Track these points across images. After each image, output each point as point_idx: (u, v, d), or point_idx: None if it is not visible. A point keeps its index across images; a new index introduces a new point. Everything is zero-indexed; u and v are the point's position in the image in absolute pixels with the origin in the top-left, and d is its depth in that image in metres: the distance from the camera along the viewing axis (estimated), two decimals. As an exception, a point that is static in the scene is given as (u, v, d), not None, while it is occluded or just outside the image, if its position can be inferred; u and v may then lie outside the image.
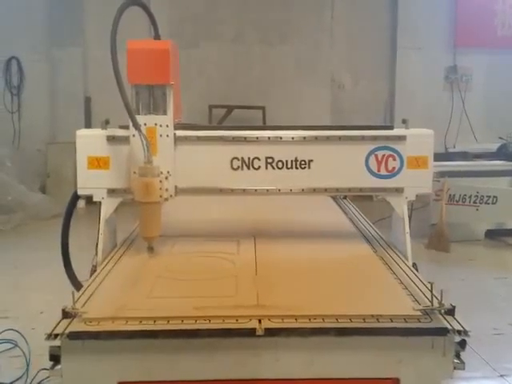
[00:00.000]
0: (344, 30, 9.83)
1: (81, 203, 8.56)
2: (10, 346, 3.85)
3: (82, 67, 9.44)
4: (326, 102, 9.79)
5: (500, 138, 8.00)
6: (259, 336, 1.89)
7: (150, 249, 2.67)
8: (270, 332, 1.90)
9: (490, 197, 7.07)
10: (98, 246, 2.71)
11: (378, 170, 2.81)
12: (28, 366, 3.55)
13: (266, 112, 9.27)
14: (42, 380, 3.37)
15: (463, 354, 1.98)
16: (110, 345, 1.88)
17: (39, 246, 6.65)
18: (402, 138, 2.81)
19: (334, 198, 4.14)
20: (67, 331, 1.85)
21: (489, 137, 9.17)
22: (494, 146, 7.85)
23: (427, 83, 9.82)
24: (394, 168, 2.81)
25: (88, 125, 9.42)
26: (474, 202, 7.13)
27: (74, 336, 1.84)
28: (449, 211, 6.91)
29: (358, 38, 9.82)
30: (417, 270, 2.62)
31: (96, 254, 2.69)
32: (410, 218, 2.87)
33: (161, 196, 2.64)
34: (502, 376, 3.91)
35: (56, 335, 1.84)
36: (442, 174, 6.94)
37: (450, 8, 9.77)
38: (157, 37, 2.86)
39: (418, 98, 9.76)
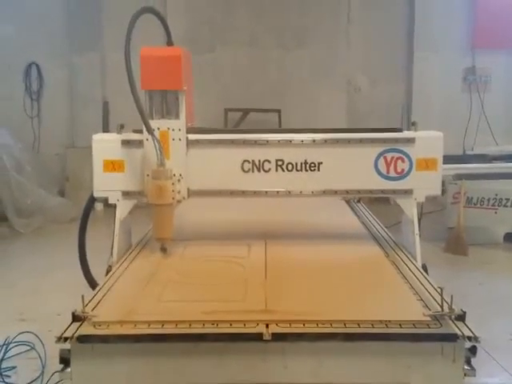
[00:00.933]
0: (360, 32, 9.79)
1: (99, 206, 8.66)
2: (27, 348, 3.90)
3: (100, 72, 9.53)
4: (342, 104, 9.75)
5: (520, 139, 7.92)
6: (266, 341, 1.89)
7: (163, 249, 2.74)
8: (278, 337, 1.90)
9: (509, 199, 6.99)
10: (113, 246, 2.80)
11: (388, 172, 2.84)
12: (43, 368, 3.59)
13: (281, 115, 9.28)
14: (57, 382, 3.42)
15: (479, 360, 1.95)
16: (119, 348, 1.90)
17: (58, 248, 6.72)
18: (410, 141, 2.84)
19: (347, 201, 4.13)
20: (77, 334, 1.87)
21: (508, 139, 9.05)
22: (513, 148, 7.74)
23: (445, 85, 9.72)
24: (403, 170, 2.84)
25: (106, 129, 9.46)
26: (493, 205, 7.05)
27: (84, 339, 1.87)
28: (467, 214, 6.82)
29: (374, 41, 9.76)
30: (426, 271, 2.62)
31: (111, 254, 2.77)
32: (420, 220, 2.87)
33: (173, 198, 2.71)
34: (520, 383, 3.87)
35: (66, 338, 1.86)
36: (459, 177, 6.87)
37: (467, 9, 9.66)
38: (169, 43, 2.91)
39: (435, 100, 9.67)
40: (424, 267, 2.69)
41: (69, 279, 5.70)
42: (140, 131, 2.77)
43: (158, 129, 2.74)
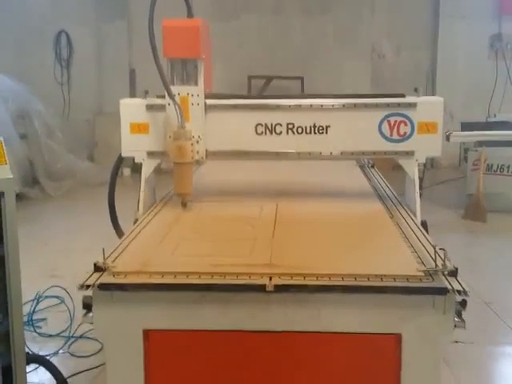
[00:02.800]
0: (385, -2, 9.72)
1: (126, 171, 8.92)
2: (57, 301, 4.17)
3: (127, 40, 9.69)
4: (367, 72, 9.73)
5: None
6: (269, 292, 2.04)
7: (184, 204, 3.00)
8: (280, 288, 2.04)
9: (528, 167, 7.00)
10: (140, 201, 3.07)
11: (391, 135, 3.02)
12: (72, 320, 3.85)
13: (304, 82, 9.32)
14: (84, 333, 3.67)
15: (489, 320, 2.05)
16: (136, 296, 2.08)
17: (88, 210, 6.99)
18: (412, 105, 3.00)
19: (361, 166, 4.24)
20: (97, 283, 2.06)
21: (534, 106, 8.99)
22: (538, 116, 7.69)
23: (471, 52, 9.62)
24: (405, 133, 3.01)
25: (133, 95, 9.67)
26: (513, 172, 7.07)
27: (104, 287, 2.05)
28: (486, 181, 6.87)
29: (399, 7, 9.67)
30: (426, 228, 2.78)
31: (138, 209, 3.05)
32: (421, 179, 3.02)
33: (192, 157, 2.96)
34: (529, 345, 4.00)
35: (88, 286, 2.05)
36: (480, 144, 6.90)
37: (494, -25, 9.50)
38: (190, 15, 3.08)
39: (461, 67, 9.59)
40: (424, 223, 2.85)
41: (97, 239, 5.90)
42: (163, 96, 2.97)
43: (179, 94, 2.95)
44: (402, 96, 3.07)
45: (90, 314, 2.12)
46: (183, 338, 2.14)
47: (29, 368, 2.78)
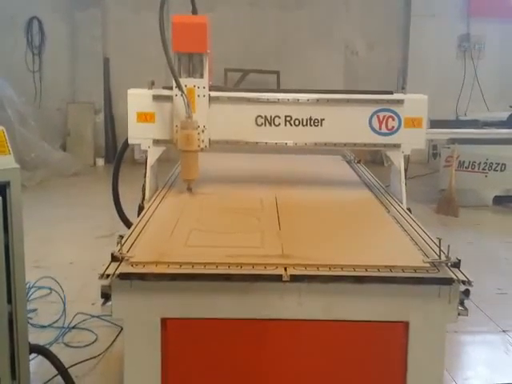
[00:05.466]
0: (359, -4, 9.86)
1: (99, 161, 8.84)
2: (45, 292, 4.14)
3: (101, 28, 9.56)
4: (340, 67, 9.88)
5: (511, 106, 8.10)
6: (285, 281, 2.10)
7: (189, 189, 3.15)
8: (295, 278, 2.10)
9: (498, 164, 7.25)
10: (146, 187, 3.17)
11: (380, 129, 3.24)
12: (64, 310, 3.84)
13: (280, 76, 9.39)
14: (78, 323, 3.68)
15: (469, 310, 2.15)
16: (154, 285, 2.11)
17: (63, 201, 6.95)
18: (400, 102, 3.23)
19: (348, 162, 4.35)
20: (118, 272, 2.08)
21: (500, 105, 9.25)
22: (505, 115, 7.92)
23: (440, 50, 9.86)
24: (393, 127, 3.24)
25: (107, 85, 9.62)
26: (483, 169, 7.32)
27: (124, 276, 2.08)
28: (458, 177, 7.09)
29: (372, 5, 9.83)
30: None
31: (142, 195, 3.16)
32: (406, 171, 3.23)
33: (198, 146, 3.11)
34: (504, 331, 4.19)
35: (107, 275, 2.08)
36: (452, 141, 7.10)
37: (463, -24, 9.74)
38: (194, 12, 3.28)
39: (431, 65, 9.82)
40: (408, 211, 3.07)
41: (76, 230, 5.98)
42: (168, 88, 3.12)
43: (186, 86, 3.07)
44: (390, 93, 3.29)
45: (109, 303, 2.14)
46: (200, 326, 2.18)
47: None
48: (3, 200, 2.48)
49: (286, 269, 2.14)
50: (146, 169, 3.20)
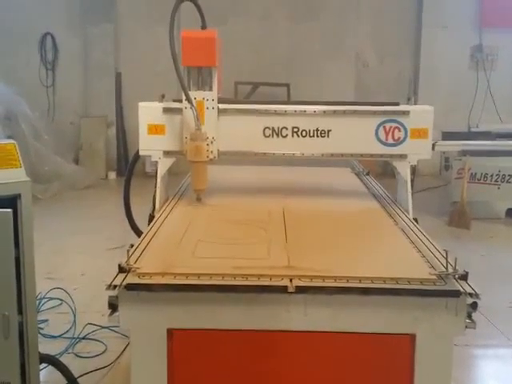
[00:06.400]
0: (370, 7, 9.88)
1: (111, 175, 8.90)
2: (56, 303, 4.17)
3: (113, 43, 9.68)
4: (351, 79, 9.89)
5: (524, 117, 8.07)
6: (290, 293, 2.10)
7: (199, 199, 3.21)
8: (300, 290, 2.10)
9: (511, 176, 7.19)
10: (156, 197, 3.23)
11: (386, 139, 3.27)
12: (75, 321, 3.87)
13: (290, 89, 9.42)
14: (88, 334, 3.70)
15: (480, 323, 2.14)
16: (161, 296, 2.13)
17: (76, 214, 7.01)
18: (406, 113, 3.25)
19: (357, 174, 4.36)
20: (125, 283, 2.10)
21: (514, 117, 9.24)
22: (518, 126, 7.92)
23: (452, 62, 9.84)
24: (399, 138, 3.27)
25: (119, 99, 9.71)
26: (496, 181, 7.27)
27: (131, 287, 2.10)
28: (470, 189, 7.04)
29: (383, 16, 9.85)
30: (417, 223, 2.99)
31: (153, 205, 3.22)
32: (412, 181, 3.33)
33: (207, 156, 3.18)
34: (515, 345, 4.15)
35: (115, 286, 2.10)
36: (464, 153, 7.07)
37: (476, -13, 9.74)
38: (204, 27, 3.34)
39: (442, 77, 9.80)
40: (415, 221, 3.06)
41: (89, 242, 6.04)
42: (178, 101, 3.19)
43: (195, 98, 3.14)
44: (397, 104, 3.32)
45: (116, 314, 2.16)
46: (206, 337, 2.19)
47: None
48: (14, 212, 2.52)
49: (291, 280, 2.15)
50: (156, 179, 3.26)
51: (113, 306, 2.16)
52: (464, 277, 2.22)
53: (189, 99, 3.08)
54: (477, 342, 4.03)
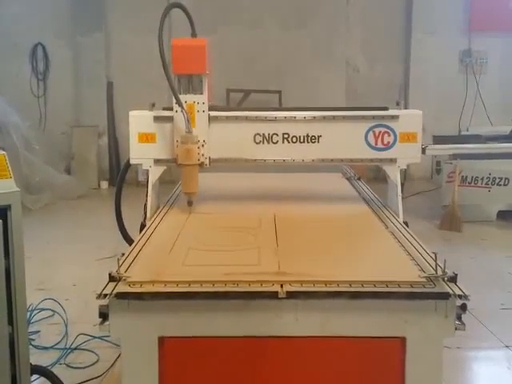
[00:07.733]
0: (359, 14, 9.94)
1: (103, 184, 8.87)
2: (48, 314, 4.16)
3: (104, 52, 9.69)
4: (341, 85, 9.94)
5: (513, 120, 8.12)
6: (281, 298, 2.10)
7: (190, 203, 3.20)
8: (291, 295, 2.10)
9: (502, 178, 7.24)
10: (147, 205, 3.25)
11: (376, 144, 3.29)
12: (66, 332, 3.85)
13: (282, 96, 9.45)
14: (80, 344, 3.69)
15: (472, 325, 2.16)
16: (152, 304, 2.12)
17: (68, 224, 6.99)
18: (395, 117, 3.27)
19: (348, 179, 4.37)
20: (115, 292, 2.10)
21: (503, 120, 9.26)
22: (508, 129, 7.90)
23: (442, 66, 9.90)
24: (388, 142, 3.29)
25: (110, 108, 9.71)
26: (487, 184, 7.31)
27: (121, 296, 2.09)
28: (461, 193, 7.08)
29: (373, 22, 9.91)
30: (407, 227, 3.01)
31: (144, 213, 3.23)
32: (402, 185, 3.38)
33: (198, 159, 3.18)
34: (507, 347, 4.15)
35: (105, 295, 2.09)
36: (454, 157, 7.11)
37: (464, -8, 9.82)
38: (194, 35, 3.34)
39: (432, 81, 9.85)
40: (405, 224, 3.08)
41: (80, 253, 6.02)
42: (169, 109, 3.20)
43: (186, 102, 3.15)
44: (386, 109, 3.34)
45: (107, 323, 2.15)
46: (197, 345, 2.18)
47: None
48: (4, 223, 2.52)
49: (282, 286, 2.15)
50: (147, 188, 3.26)
51: (103, 315, 2.16)
52: (453, 279, 2.23)
53: (179, 102, 3.10)
54: (469, 344, 4.04)
